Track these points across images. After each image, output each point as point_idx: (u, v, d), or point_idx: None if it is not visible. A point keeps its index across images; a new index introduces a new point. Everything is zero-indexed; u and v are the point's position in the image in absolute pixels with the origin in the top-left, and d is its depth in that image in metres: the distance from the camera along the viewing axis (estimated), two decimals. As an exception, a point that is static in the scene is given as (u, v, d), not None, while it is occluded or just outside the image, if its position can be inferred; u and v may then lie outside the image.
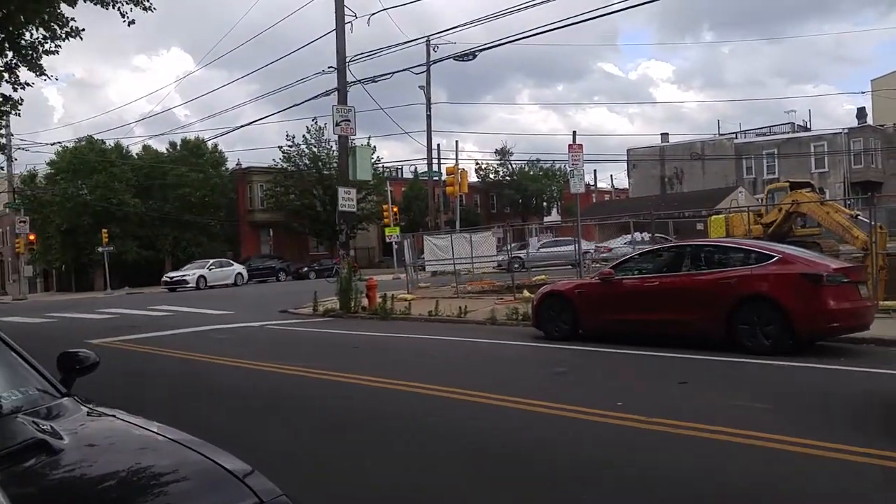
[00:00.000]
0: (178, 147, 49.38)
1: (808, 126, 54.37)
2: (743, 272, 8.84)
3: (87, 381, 2.91)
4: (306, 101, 37.18)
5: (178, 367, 9.95)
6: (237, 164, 52.85)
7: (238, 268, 37.61)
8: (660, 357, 8.70)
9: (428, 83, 26.16)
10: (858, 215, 17.81)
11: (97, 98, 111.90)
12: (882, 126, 48.59)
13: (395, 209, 38.34)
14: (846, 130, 47.53)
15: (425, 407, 6.58)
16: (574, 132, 16.82)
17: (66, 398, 2.67)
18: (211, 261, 37.28)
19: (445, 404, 6.62)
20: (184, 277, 34.60)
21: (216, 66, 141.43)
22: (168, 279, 35.46)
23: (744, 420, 5.36)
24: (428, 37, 24.02)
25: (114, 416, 2.59)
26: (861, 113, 51.27)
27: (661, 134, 57.92)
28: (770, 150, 48.78)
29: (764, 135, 53.06)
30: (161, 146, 52.57)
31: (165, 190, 47.13)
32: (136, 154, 49.67)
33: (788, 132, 51.86)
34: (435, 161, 32.98)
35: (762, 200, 27.97)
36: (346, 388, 7.61)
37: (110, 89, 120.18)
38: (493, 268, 24.08)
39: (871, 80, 54.31)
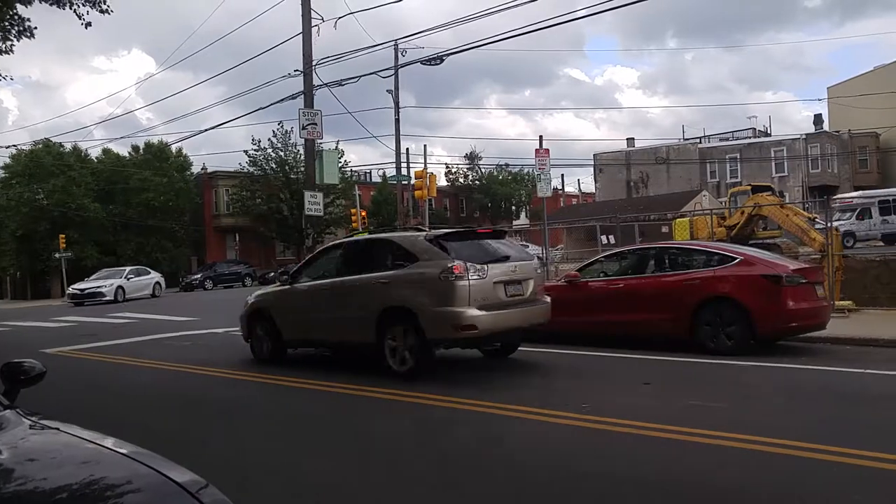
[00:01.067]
0: (141, 151, 48.44)
1: (769, 131, 55.74)
2: (706, 274, 8.98)
3: (39, 393, 2.80)
4: (272, 104, 36.85)
5: (137, 376, 9.70)
6: (203, 169, 52.02)
7: (156, 276, 32.56)
8: (623, 358, 8.78)
9: (396, 87, 26.08)
10: (816, 218, 18.29)
11: (54, 100, 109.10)
12: (837, 132, 50.10)
13: (364, 213, 38.06)
14: (804, 136, 48.85)
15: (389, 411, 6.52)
16: (541, 137, 16.94)
17: (7, 411, 2.53)
18: (129, 268, 32.05)
19: (411, 409, 6.57)
20: (99, 289, 28.66)
21: (179, 68, 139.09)
22: (77, 291, 29.18)
23: (703, 419, 5.43)
24: (396, 40, 23.98)
25: (58, 428, 2.45)
26: (818, 119, 52.77)
27: (627, 139, 58.78)
28: (733, 155, 49.88)
29: (727, 140, 54.24)
30: (123, 150, 51.53)
31: (128, 194, 46.12)
32: (96, 158, 48.56)
33: (750, 137, 53.07)
34: (404, 165, 32.90)
35: (725, 203, 28.52)
36: (309, 395, 7.52)
37: (68, 91, 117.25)
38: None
39: (828, 88, 56.02)
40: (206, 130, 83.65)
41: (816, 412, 5.83)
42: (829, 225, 14.07)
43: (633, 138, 57.98)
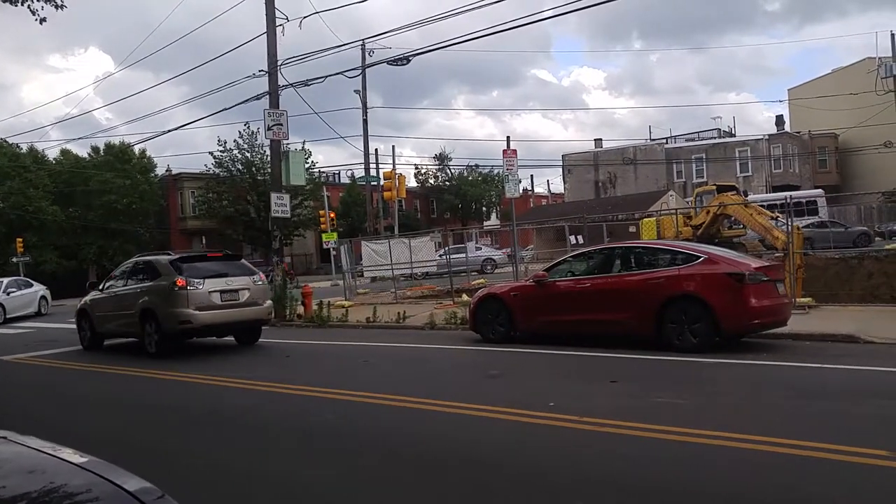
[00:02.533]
0: (102, 152, 47.32)
1: (734, 132, 56.84)
2: (671, 272, 9.07)
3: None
4: (237, 104, 36.39)
5: (92, 383, 9.49)
6: (167, 170, 51.12)
7: (40, 289, 26.33)
8: (591, 357, 8.83)
9: (364, 87, 25.95)
10: (778, 217, 18.66)
11: (8, 100, 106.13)
12: (798, 133, 51.31)
13: (333, 215, 37.76)
14: (767, 137, 49.95)
15: (353, 414, 6.46)
16: (508, 138, 16.97)
17: None
18: (6, 280, 25.24)
19: (376, 411, 6.52)
20: None
21: (139, 67, 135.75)
22: None
23: (667, 416, 5.48)
24: (363, 40, 23.88)
25: (4, 437, 2.36)
26: (779, 120, 54.05)
27: (595, 139, 59.40)
28: (698, 155, 50.76)
29: (693, 140, 55.16)
30: (82, 151, 50.27)
31: (89, 197, 45.04)
32: (54, 159, 47.31)
33: (715, 138, 54.06)
34: (373, 166, 32.78)
35: (691, 203, 28.96)
36: (273, 398, 7.39)
37: (23, 91, 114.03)
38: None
39: (788, 90, 57.36)
40: (169, 131, 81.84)
41: (777, 407, 5.92)
42: (790, 224, 14.35)
43: (600, 139, 58.66)
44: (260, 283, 12.18)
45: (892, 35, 36.77)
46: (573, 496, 4.00)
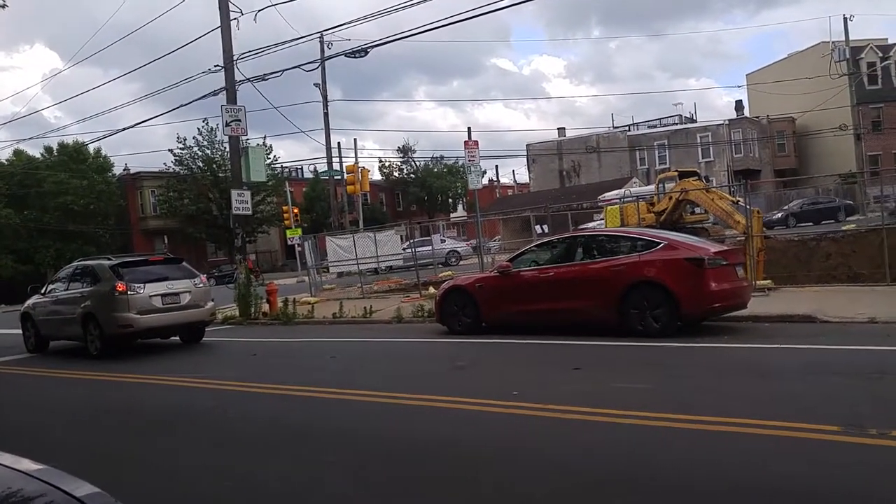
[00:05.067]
0: (55, 152, 46.00)
1: (695, 118, 57.67)
2: (631, 259, 9.13)
3: None
4: (194, 101, 35.34)
5: (57, 388, 9.21)
6: (125, 170, 49.96)
7: None
8: (556, 345, 8.88)
9: (323, 80, 25.62)
10: (739, 201, 18.97)
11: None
12: (757, 118, 52.25)
13: (297, 210, 37.31)
14: (727, 122, 50.74)
15: (323, 410, 6.40)
16: (469, 128, 17.06)
17: None
18: None
19: (343, 406, 6.46)
20: None
21: (88, 63, 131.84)
22: None
23: (629, 401, 5.52)
24: (321, 32, 23.57)
25: None
26: (739, 105, 54.90)
27: (558, 128, 59.86)
28: (661, 142, 51.37)
29: (655, 127, 55.79)
30: (34, 151, 48.80)
31: (43, 199, 43.80)
32: (6, 160, 45.88)
33: (677, 124, 54.75)
34: (336, 160, 32.44)
35: (654, 190, 29.29)
36: (239, 398, 7.25)
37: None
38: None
39: (747, 75, 58.40)
40: (123, 129, 79.49)
41: (736, 388, 6.01)
42: (748, 207, 14.59)
43: (563, 128, 59.05)
44: (201, 285, 12.37)
45: (845, 19, 37.68)
46: (531, 483, 3.98)
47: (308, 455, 5.01)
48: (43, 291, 13.46)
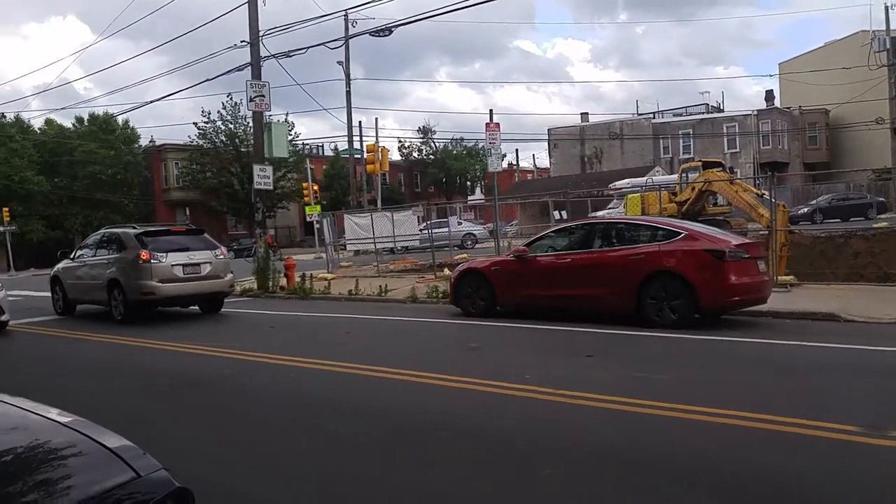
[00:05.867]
0: (86, 122, 46.57)
1: (722, 107, 56.62)
2: (651, 248, 9.02)
3: None
4: (219, 75, 35.40)
5: (84, 349, 9.40)
6: (151, 141, 50.43)
7: None
8: (569, 331, 8.83)
9: (347, 58, 25.53)
10: (764, 194, 18.65)
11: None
12: (788, 109, 51.09)
13: (316, 187, 37.47)
14: (755, 112, 49.71)
15: (336, 384, 6.45)
16: (491, 111, 17.01)
17: None
18: None
19: (357, 381, 6.52)
20: None
21: (118, 37, 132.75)
22: None
23: (642, 390, 5.47)
24: (346, 10, 23.40)
25: None
26: (769, 95, 53.72)
27: (581, 113, 58.97)
28: (686, 130, 50.53)
29: (680, 115, 54.85)
30: (66, 121, 49.48)
31: (73, 167, 44.50)
32: (39, 129, 46.55)
33: (703, 113, 53.79)
34: (356, 138, 32.40)
35: (677, 179, 28.89)
36: (257, 368, 7.33)
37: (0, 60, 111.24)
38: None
39: (779, 64, 57.02)
40: (151, 102, 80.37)
41: (752, 382, 5.93)
42: (773, 201, 14.32)
43: (587, 113, 58.26)
44: (221, 257, 12.58)
45: (886, 7, 36.44)
46: (541, 464, 3.97)
47: (324, 426, 5.04)
48: (72, 256, 13.79)
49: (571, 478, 3.82)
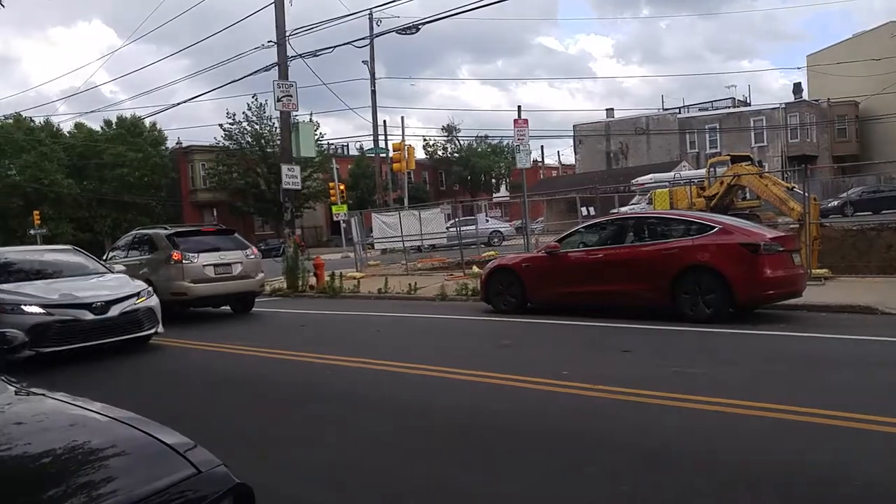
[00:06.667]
0: (114, 125, 47.43)
1: (748, 101, 55.79)
2: (684, 243, 8.97)
3: None
4: (246, 76, 35.87)
5: (118, 350, 9.58)
6: (177, 143, 51.17)
7: None
8: (603, 327, 8.82)
9: (372, 57, 25.67)
10: (794, 188, 18.39)
11: (13, 74, 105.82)
12: (817, 101, 50.19)
13: (342, 187, 37.61)
14: (783, 105, 48.90)
15: (372, 381, 6.51)
16: (519, 107, 16.86)
17: None
18: None
19: (393, 378, 6.57)
20: None
21: (143, 41, 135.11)
22: None
23: (680, 384, 5.47)
24: (370, 9, 23.53)
25: (43, 394, 2.49)
26: (797, 88, 52.88)
27: (607, 109, 58.60)
28: (712, 125, 49.88)
29: (706, 110, 54.16)
30: (94, 124, 50.44)
31: (102, 170, 45.33)
32: (68, 132, 47.49)
33: (729, 107, 53.06)
34: (381, 137, 32.55)
35: (705, 174, 28.61)
36: (292, 367, 7.45)
37: (27, 65, 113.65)
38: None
39: (807, 56, 56.02)
40: (178, 104, 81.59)
41: (791, 376, 5.89)
42: (806, 194, 14.14)
43: (612, 109, 57.99)
44: (252, 256, 12.68)
45: (915, -1, 35.61)
46: (588, 460, 4.00)
47: (361, 425, 5.12)
48: (104, 258, 13.94)
49: (615, 476, 3.82)
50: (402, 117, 58.29)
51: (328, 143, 50.14)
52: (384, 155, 32.37)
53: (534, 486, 3.71)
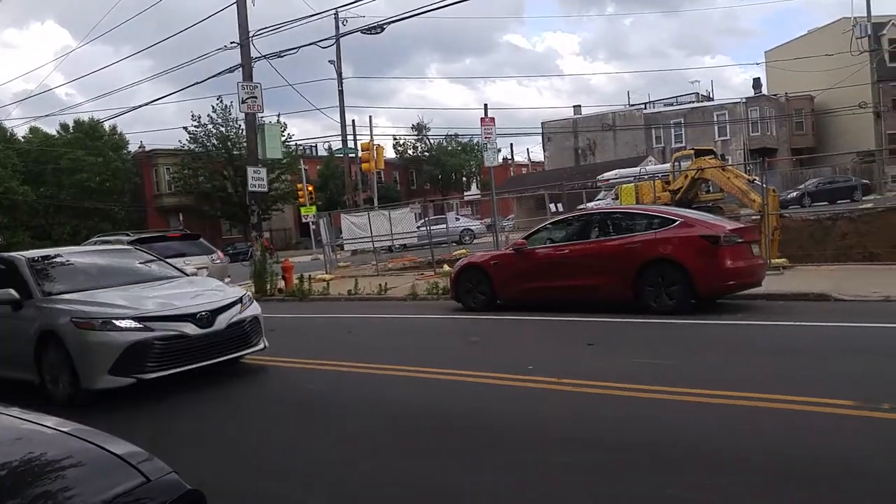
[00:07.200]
0: (71, 129, 46.33)
1: (711, 96, 56.88)
2: (647, 236, 9.15)
3: None
4: (209, 78, 35.21)
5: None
6: (140, 147, 50.25)
7: None
8: (570, 322, 8.96)
9: (338, 57, 25.57)
10: (755, 180, 18.82)
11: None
12: (775, 96, 51.43)
13: (311, 188, 37.43)
14: (744, 100, 50.01)
15: (340, 383, 6.52)
16: (485, 105, 17.11)
17: None
18: None
19: (359, 379, 6.59)
20: None
21: (101, 41, 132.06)
22: None
23: (644, 376, 5.59)
24: (336, 9, 23.43)
25: None
26: (757, 83, 54.06)
27: (574, 106, 59.44)
28: (677, 120, 50.80)
29: (671, 105, 55.12)
30: (49, 129, 49.17)
31: (59, 175, 44.23)
32: (23, 137, 46.25)
33: (693, 102, 54.06)
34: (350, 137, 32.43)
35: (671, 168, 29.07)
36: (262, 371, 7.41)
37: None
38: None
39: (765, 52, 57.32)
40: (139, 107, 79.92)
41: (751, 364, 6.06)
42: (765, 186, 14.49)
43: (579, 105, 58.71)
44: (218, 261, 12.61)
45: (866, -7, 36.71)
46: (552, 453, 4.09)
47: (333, 425, 5.14)
48: None
49: (582, 466, 3.93)
50: (370, 117, 58.45)
51: (296, 145, 49.74)
52: (353, 155, 32.27)
53: (496, 480, 3.79)
